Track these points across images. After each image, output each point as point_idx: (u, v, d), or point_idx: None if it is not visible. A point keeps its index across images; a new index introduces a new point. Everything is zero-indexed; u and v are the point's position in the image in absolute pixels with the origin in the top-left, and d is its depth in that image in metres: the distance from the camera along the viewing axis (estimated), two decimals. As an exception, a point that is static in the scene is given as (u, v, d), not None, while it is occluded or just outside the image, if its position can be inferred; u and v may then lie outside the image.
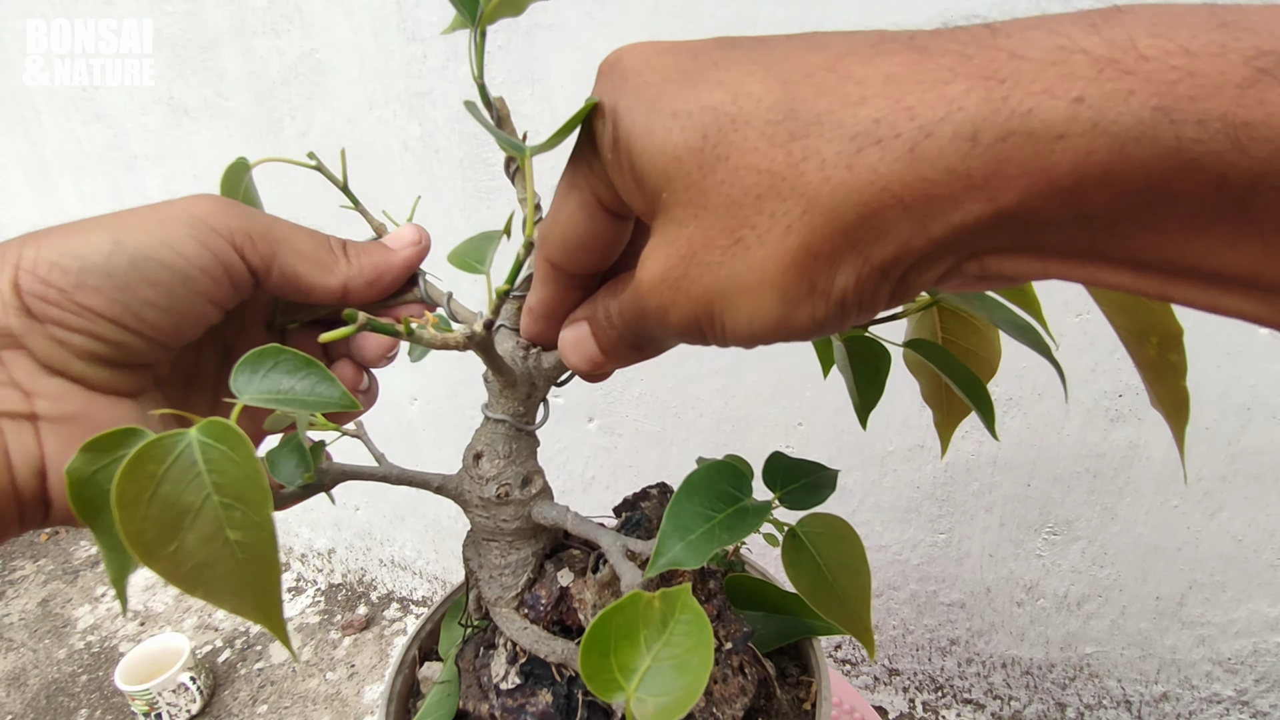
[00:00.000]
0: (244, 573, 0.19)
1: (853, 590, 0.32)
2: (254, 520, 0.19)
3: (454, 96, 0.81)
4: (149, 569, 0.18)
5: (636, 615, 0.23)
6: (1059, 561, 0.90)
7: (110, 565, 0.20)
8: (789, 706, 0.40)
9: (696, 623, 0.23)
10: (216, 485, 0.18)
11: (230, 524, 0.19)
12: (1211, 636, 0.87)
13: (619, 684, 0.22)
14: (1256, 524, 0.79)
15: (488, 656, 0.35)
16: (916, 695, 1.05)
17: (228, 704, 1.17)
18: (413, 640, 0.43)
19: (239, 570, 0.19)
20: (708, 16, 0.69)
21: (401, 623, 1.31)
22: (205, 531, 0.18)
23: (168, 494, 0.18)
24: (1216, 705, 0.91)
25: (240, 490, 0.19)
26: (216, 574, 0.19)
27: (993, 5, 0.62)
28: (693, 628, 0.23)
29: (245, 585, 0.19)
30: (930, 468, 0.88)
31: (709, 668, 0.22)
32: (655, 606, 0.23)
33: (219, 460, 0.18)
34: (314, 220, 0.30)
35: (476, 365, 0.30)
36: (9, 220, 1.24)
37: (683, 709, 0.21)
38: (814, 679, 0.42)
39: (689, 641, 0.22)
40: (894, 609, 1.01)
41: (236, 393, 0.20)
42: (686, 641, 0.22)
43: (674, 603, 0.23)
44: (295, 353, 0.21)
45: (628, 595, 0.23)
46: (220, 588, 0.19)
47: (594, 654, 0.22)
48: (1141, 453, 0.79)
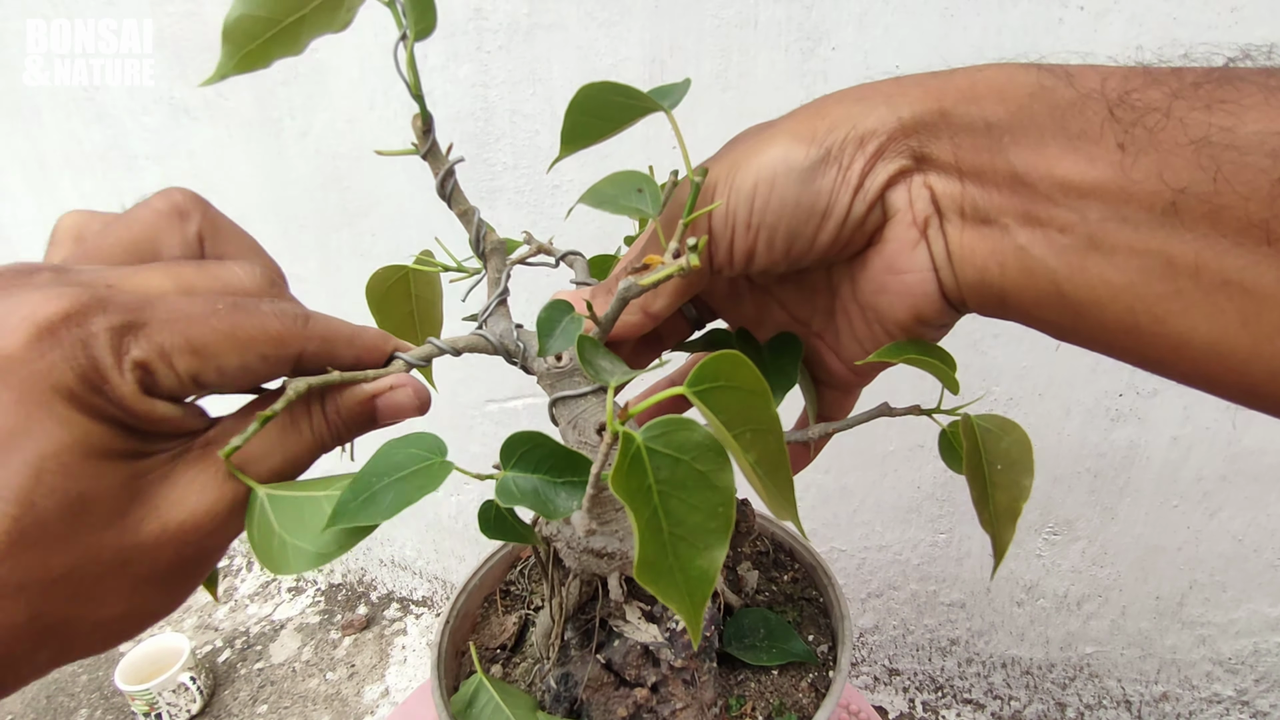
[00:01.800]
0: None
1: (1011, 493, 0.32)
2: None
3: (454, 97, 0.81)
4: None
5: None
6: (1059, 561, 0.90)
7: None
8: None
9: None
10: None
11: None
12: (1211, 636, 0.87)
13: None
14: (1256, 524, 0.79)
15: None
16: (916, 695, 1.05)
17: (228, 704, 1.17)
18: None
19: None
20: (709, 16, 0.69)
21: (401, 623, 1.31)
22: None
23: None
24: (1216, 705, 0.91)
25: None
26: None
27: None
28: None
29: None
30: (930, 468, 0.88)
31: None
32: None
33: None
34: (315, 218, 0.30)
35: (477, 366, 0.30)
36: (9, 220, 1.24)
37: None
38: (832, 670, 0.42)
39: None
40: (894, 609, 1.01)
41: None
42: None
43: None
44: None
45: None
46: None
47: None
48: (1141, 453, 0.79)
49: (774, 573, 0.50)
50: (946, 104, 0.26)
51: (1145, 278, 0.22)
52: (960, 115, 0.25)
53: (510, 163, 0.83)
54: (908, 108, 0.26)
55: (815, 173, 0.27)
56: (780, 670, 0.43)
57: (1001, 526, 0.32)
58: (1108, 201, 0.23)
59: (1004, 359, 0.77)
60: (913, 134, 0.27)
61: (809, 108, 0.29)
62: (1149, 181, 0.22)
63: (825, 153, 0.27)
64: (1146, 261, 0.22)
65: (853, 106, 0.27)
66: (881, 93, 0.27)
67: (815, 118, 0.28)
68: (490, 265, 0.34)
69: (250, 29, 0.25)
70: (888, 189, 0.28)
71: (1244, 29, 0.57)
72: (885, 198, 0.28)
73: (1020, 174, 0.24)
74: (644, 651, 0.38)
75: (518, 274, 0.35)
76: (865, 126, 0.27)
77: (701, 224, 0.29)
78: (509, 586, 0.51)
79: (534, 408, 1.00)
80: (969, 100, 0.25)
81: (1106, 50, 0.61)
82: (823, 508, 0.95)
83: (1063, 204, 0.24)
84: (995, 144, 0.25)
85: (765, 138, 0.28)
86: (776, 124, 0.29)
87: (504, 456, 0.29)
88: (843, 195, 0.27)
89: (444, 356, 0.31)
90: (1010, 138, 0.24)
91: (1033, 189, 0.24)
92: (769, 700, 0.41)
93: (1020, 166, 0.24)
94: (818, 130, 0.27)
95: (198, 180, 1.02)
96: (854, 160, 0.27)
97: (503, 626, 0.47)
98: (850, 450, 0.89)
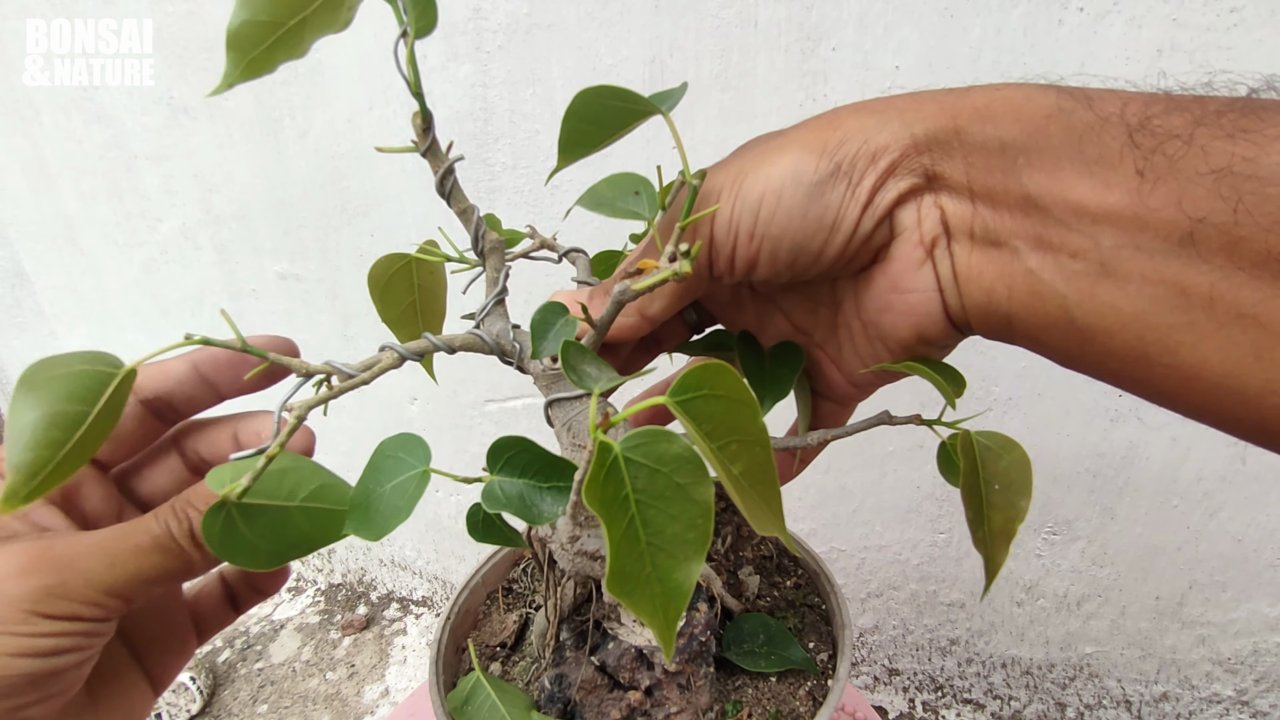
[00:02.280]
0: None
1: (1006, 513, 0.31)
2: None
3: (454, 96, 0.81)
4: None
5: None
6: (1059, 561, 0.90)
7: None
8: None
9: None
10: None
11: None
12: (1211, 636, 0.87)
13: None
14: (1256, 524, 0.79)
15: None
16: (916, 695, 1.05)
17: (228, 704, 1.17)
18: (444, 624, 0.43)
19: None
20: (709, 16, 0.69)
21: (401, 623, 1.31)
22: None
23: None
24: (1216, 705, 0.91)
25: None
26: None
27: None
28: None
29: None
30: (930, 468, 0.88)
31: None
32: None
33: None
34: (315, 218, 0.30)
35: (477, 366, 0.30)
36: (9, 220, 1.24)
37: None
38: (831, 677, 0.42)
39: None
40: (894, 609, 1.01)
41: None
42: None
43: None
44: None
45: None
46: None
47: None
48: (1141, 453, 0.79)
49: (776, 578, 0.50)
50: (961, 122, 0.25)
51: (1158, 307, 0.22)
52: (975, 134, 0.25)
53: (510, 163, 0.83)
54: (921, 124, 0.26)
55: (824, 186, 0.27)
56: (779, 677, 0.43)
57: (995, 548, 0.31)
58: (1123, 228, 0.22)
59: (1004, 359, 0.77)
60: (925, 151, 0.26)
61: (822, 118, 0.28)
62: (1166, 210, 0.21)
63: (835, 167, 0.27)
64: (1160, 290, 0.22)
65: (867, 119, 0.27)
66: (896, 107, 0.27)
67: (827, 129, 0.27)
68: (489, 264, 0.34)
69: (254, 35, 0.24)
70: (897, 206, 0.27)
71: (1243, 30, 0.57)
72: (894, 215, 0.28)
73: (1034, 196, 0.24)
74: (638, 654, 0.38)
75: (517, 273, 0.35)
76: (878, 141, 0.26)
77: (703, 230, 0.29)
78: (511, 584, 0.51)
79: (533, 408, 1.00)
80: (984, 119, 0.25)
81: (1106, 52, 0.61)
82: (822, 508, 0.95)
83: (1076, 229, 0.23)
84: (1009, 165, 0.24)
85: (775, 147, 0.28)
86: (787, 133, 0.29)
87: (491, 461, 0.29)
88: (851, 210, 0.27)
89: (443, 355, 0.31)
90: (1025, 159, 0.24)
91: (1046, 212, 0.24)
92: (766, 707, 0.41)
93: (1034, 189, 0.24)
94: (829, 142, 0.27)
95: (198, 180, 1.02)
96: (865, 175, 0.27)
97: (503, 624, 0.47)
98: (850, 450, 0.89)
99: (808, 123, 0.29)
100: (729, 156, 0.31)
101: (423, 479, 0.27)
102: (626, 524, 0.21)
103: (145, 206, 1.09)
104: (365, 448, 0.27)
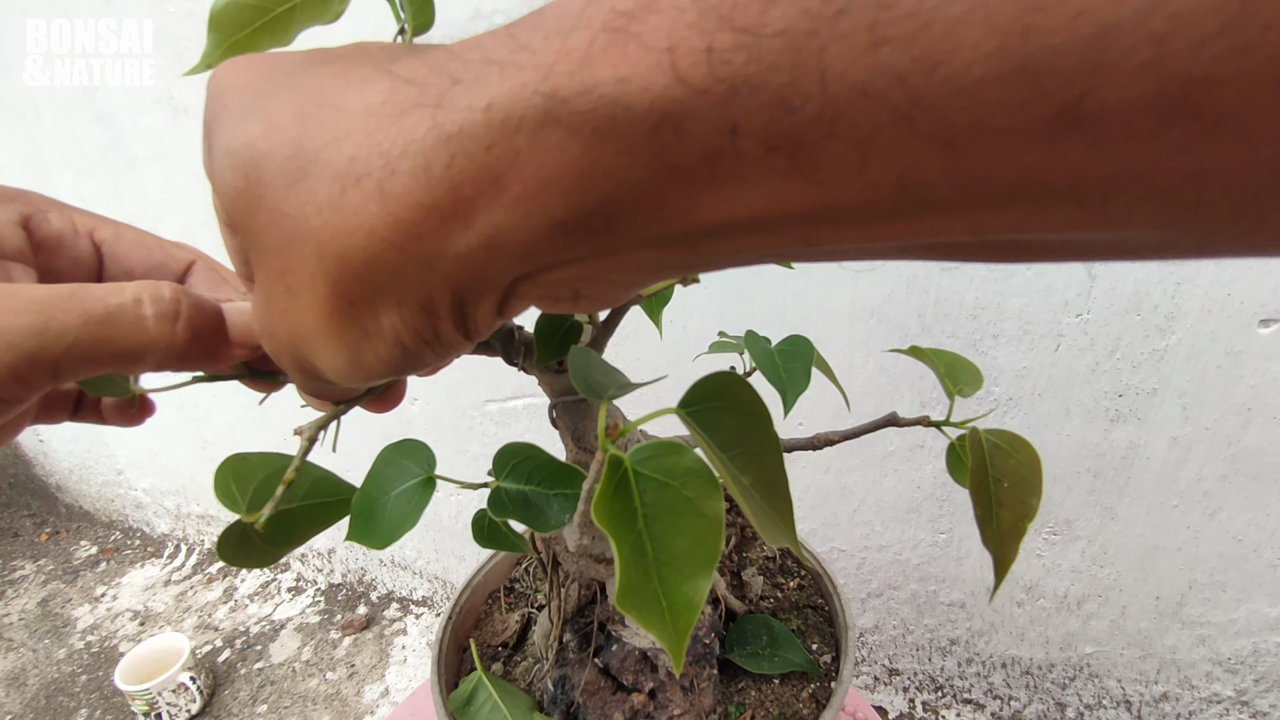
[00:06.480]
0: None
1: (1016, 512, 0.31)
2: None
3: (454, 96, 0.81)
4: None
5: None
6: (1059, 561, 0.90)
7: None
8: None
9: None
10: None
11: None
12: (1211, 636, 0.87)
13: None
14: (1256, 524, 0.79)
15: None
16: (916, 695, 1.06)
17: (228, 704, 1.17)
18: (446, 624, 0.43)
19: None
20: (708, 17, 0.69)
21: (401, 623, 1.31)
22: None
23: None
24: (1216, 705, 0.91)
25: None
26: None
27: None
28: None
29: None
30: (930, 468, 0.88)
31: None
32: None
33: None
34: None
35: (477, 366, 0.30)
36: (9, 220, 1.24)
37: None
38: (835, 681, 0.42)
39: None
40: (894, 609, 1.01)
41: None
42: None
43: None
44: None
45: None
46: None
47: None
48: (1141, 453, 0.79)
49: (780, 579, 0.50)
50: (485, 222, 0.17)
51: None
52: (526, 233, 0.17)
53: (510, 163, 0.83)
54: (441, 254, 0.17)
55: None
56: (782, 679, 0.43)
57: (1004, 545, 0.31)
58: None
59: (1004, 359, 0.77)
60: (488, 271, 0.18)
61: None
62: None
63: (401, 349, 0.20)
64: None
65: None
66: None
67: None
68: None
69: (239, 17, 0.24)
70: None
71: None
72: None
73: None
74: (641, 657, 0.38)
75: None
76: (413, 295, 0.18)
77: None
78: (513, 584, 0.51)
79: (534, 407, 1.00)
80: (513, 200, 0.17)
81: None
82: (822, 507, 0.95)
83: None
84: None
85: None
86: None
87: (496, 467, 0.29)
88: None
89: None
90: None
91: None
92: (769, 709, 0.41)
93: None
94: (359, 317, 0.19)
95: (198, 180, 1.02)
96: (442, 332, 0.20)
97: (505, 624, 0.47)
98: (850, 450, 0.89)
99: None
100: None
101: (428, 486, 0.27)
102: (634, 540, 0.20)
103: (145, 206, 1.09)
104: (365, 448, 0.27)
